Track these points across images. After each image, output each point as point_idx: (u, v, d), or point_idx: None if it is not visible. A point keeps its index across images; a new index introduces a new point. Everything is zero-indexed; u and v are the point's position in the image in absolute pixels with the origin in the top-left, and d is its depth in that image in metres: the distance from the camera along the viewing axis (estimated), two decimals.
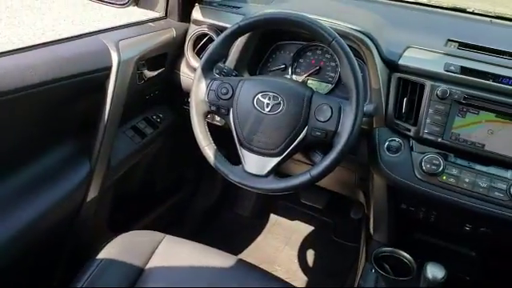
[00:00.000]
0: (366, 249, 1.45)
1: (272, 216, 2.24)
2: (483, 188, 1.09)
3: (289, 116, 1.09)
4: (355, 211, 2.02)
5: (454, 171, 1.12)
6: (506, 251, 1.54)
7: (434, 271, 1.04)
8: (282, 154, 1.11)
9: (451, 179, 1.12)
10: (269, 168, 1.12)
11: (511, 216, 1.07)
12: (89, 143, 1.30)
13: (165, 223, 1.91)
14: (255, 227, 2.18)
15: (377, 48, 1.19)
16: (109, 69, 1.24)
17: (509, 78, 1.08)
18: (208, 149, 1.17)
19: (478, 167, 1.12)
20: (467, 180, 1.11)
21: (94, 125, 1.29)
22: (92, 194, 1.34)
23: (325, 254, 2.04)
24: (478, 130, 1.10)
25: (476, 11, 1.49)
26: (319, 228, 2.17)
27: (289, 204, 2.25)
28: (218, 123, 1.43)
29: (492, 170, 1.11)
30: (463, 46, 1.21)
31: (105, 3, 1.53)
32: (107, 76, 1.24)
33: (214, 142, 1.19)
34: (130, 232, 1.27)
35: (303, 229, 2.17)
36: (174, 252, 1.22)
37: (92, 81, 1.21)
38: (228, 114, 1.15)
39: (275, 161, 1.12)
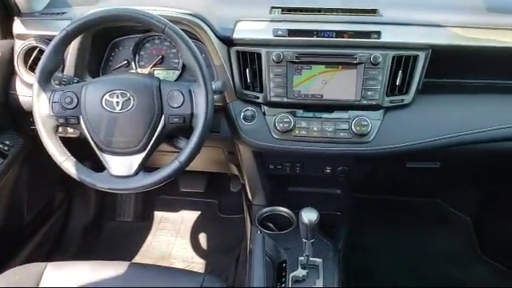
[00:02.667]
0: (249, 215, 1.53)
1: (156, 213, 2.23)
2: (330, 132, 1.23)
3: (142, 110, 1.09)
4: (234, 184, 2.10)
5: (304, 124, 1.23)
6: (363, 184, 1.75)
7: (309, 215, 1.14)
8: (145, 149, 1.11)
9: (303, 131, 1.23)
10: (136, 166, 1.11)
11: (357, 150, 1.23)
12: None
13: (46, 251, 1.80)
14: (142, 229, 2.16)
15: (210, 27, 1.23)
16: None
17: (329, 31, 1.20)
18: (67, 163, 1.12)
19: (323, 115, 1.25)
20: (315, 129, 1.23)
21: None
22: None
23: (216, 233, 2.10)
24: (314, 82, 1.22)
25: None
26: (205, 210, 2.22)
27: (169, 197, 2.25)
28: (73, 135, 1.37)
29: (334, 114, 1.25)
30: (286, 10, 1.31)
31: None
32: None
33: (74, 155, 1.14)
34: (7, 271, 1.18)
35: (190, 216, 2.21)
36: (61, 277, 1.16)
37: None
38: (79, 123, 1.11)
39: (140, 157, 1.12)
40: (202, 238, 2.09)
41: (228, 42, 1.24)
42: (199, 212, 2.21)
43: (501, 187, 1.88)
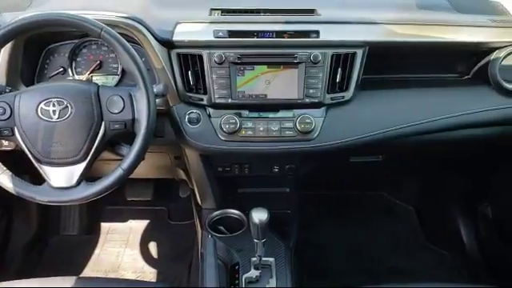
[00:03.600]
0: (200, 219, 1.52)
1: (103, 225, 2.16)
2: (276, 131, 1.23)
3: (80, 117, 1.05)
4: (182, 190, 2.07)
5: (250, 124, 1.24)
6: (310, 181, 1.78)
7: (259, 215, 1.14)
8: (86, 158, 1.07)
9: (249, 132, 1.23)
10: (77, 176, 1.07)
11: (302, 147, 1.25)
12: None
13: None
14: (89, 242, 2.08)
15: (149, 30, 1.21)
16: None
17: (269, 31, 1.22)
18: (2, 177, 1.06)
19: (268, 115, 1.26)
20: (261, 128, 1.23)
21: None
22: None
23: (166, 241, 2.06)
24: (258, 83, 1.22)
25: None
26: (154, 218, 2.18)
27: (116, 207, 2.19)
28: (8, 147, 1.29)
29: (279, 114, 1.26)
30: (226, 12, 1.31)
31: None
32: None
33: (11, 169, 1.08)
34: None
35: (139, 225, 2.15)
36: None
37: None
38: (13, 135, 1.05)
39: (81, 167, 1.07)
40: (153, 247, 2.05)
41: (168, 44, 1.22)
42: (148, 220, 2.16)
43: (439, 176, 1.98)
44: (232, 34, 1.21)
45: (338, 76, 1.24)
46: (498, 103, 1.32)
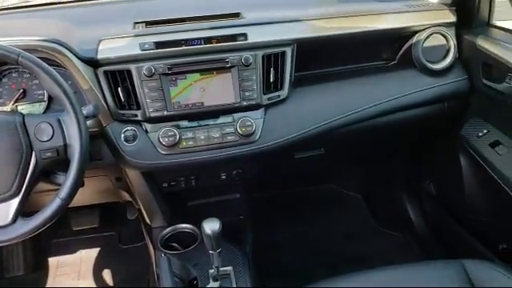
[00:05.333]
0: (151, 239, 1.47)
1: (51, 260, 2.05)
2: (217, 138, 1.22)
3: (8, 150, 0.98)
4: (130, 211, 2.01)
5: (190, 134, 1.21)
6: (260, 183, 1.78)
7: (211, 226, 1.12)
8: (20, 193, 1.00)
9: (190, 142, 1.21)
10: (12, 213, 1.00)
11: (246, 150, 1.24)
12: None
13: None
14: (38, 281, 1.96)
15: (71, 51, 1.16)
16: None
17: (197, 39, 1.20)
18: None
19: (208, 122, 1.24)
20: (202, 137, 1.21)
21: None
22: None
23: (120, 266, 1.98)
24: (192, 91, 1.20)
25: None
26: (104, 245, 2.09)
27: (63, 239, 2.09)
28: None
29: (219, 120, 1.25)
30: (150, 23, 1.28)
31: None
32: None
33: None
34: None
35: (89, 255, 2.06)
36: None
37: None
38: None
39: (16, 202, 1.00)
40: (107, 275, 1.96)
41: (93, 63, 1.17)
42: (98, 248, 2.07)
43: (381, 161, 2.04)
44: (159, 45, 1.18)
45: (272, 76, 1.24)
46: (424, 84, 1.38)
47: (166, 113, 1.19)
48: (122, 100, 1.19)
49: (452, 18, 1.38)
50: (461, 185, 1.52)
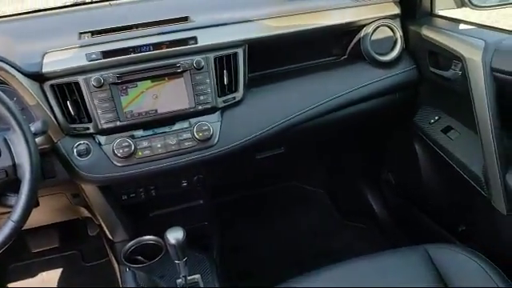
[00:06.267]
0: (114, 254, 1.43)
1: (12, 286, 1.95)
2: (174, 145, 1.20)
3: None
4: (91, 228, 1.94)
5: (145, 143, 1.18)
6: (222, 187, 1.77)
7: (174, 235, 1.10)
8: None
9: (146, 151, 1.18)
10: None
11: (204, 155, 1.22)
12: None
13: None
14: None
15: (13, 66, 1.11)
16: None
17: (146, 45, 1.17)
18: None
19: (164, 130, 1.22)
20: (159, 145, 1.19)
21: None
22: None
23: (85, 285, 1.91)
24: (145, 99, 1.18)
25: (94, 0, 1.55)
26: (67, 265, 2.01)
27: (22, 263, 1.99)
28: None
29: (175, 126, 1.22)
30: (96, 33, 1.24)
31: None
32: None
33: None
34: None
35: (52, 276, 1.98)
36: None
37: None
38: None
39: None
40: None
41: (38, 77, 1.13)
42: (61, 268, 2.00)
43: (340, 155, 2.07)
44: (106, 54, 1.15)
45: (225, 78, 1.23)
46: (375, 76, 1.40)
47: (118, 123, 1.16)
48: (72, 113, 1.14)
49: (396, 10, 1.41)
50: (418, 172, 1.56)
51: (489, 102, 1.12)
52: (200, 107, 1.21)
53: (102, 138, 1.18)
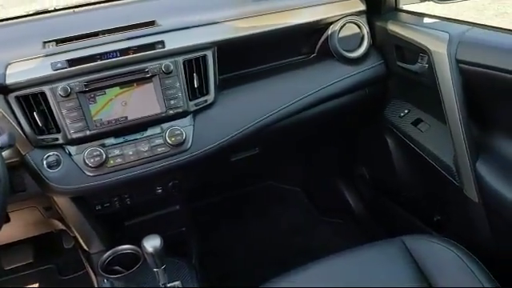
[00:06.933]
0: (91, 266, 1.40)
1: None
2: (147, 151, 1.18)
3: None
4: (66, 240, 1.90)
5: (117, 151, 1.16)
6: (199, 191, 1.75)
7: (151, 243, 1.08)
8: None
9: (118, 159, 1.16)
10: None
11: (178, 160, 1.21)
12: None
13: None
14: None
15: None
16: None
17: (113, 51, 1.16)
18: None
19: (135, 137, 1.20)
20: (131, 153, 1.17)
21: None
22: None
23: None
24: (114, 107, 1.15)
25: (58, 8, 1.51)
26: (43, 280, 1.96)
27: None
28: None
29: (147, 132, 1.21)
30: (60, 41, 1.21)
31: None
32: None
33: None
34: None
35: None
36: None
37: None
38: None
39: None
40: None
41: (2, 89, 1.09)
42: (37, 284, 1.94)
43: (314, 152, 2.08)
44: (72, 62, 1.12)
45: (196, 81, 1.22)
46: (344, 73, 1.42)
47: (88, 132, 1.14)
48: (40, 125, 1.12)
49: (362, 7, 1.43)
50: (390, 165, 1.58)
51: (456, 94, 1.15)
52: (171, 112, 1.20)
53: (72, 149, 1.15)
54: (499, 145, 1.16)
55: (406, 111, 1.47)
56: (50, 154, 1.14)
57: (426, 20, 1.31)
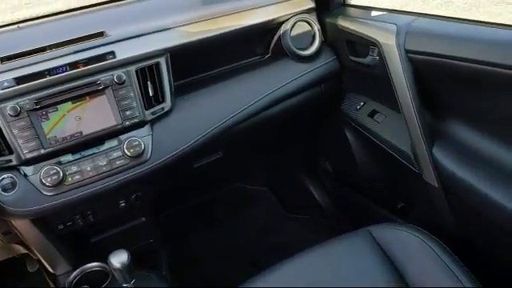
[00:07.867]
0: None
1: None
2: (105, 165, 1.15)
3: None
4: (30, 264, 1.83)
5: (75, 168, 1.13)
6: (165, 201, 1.72)
7: (118, 259, 1.06)
8: None
9: (76, 176, 1.13)
10: None
11: (138, 172, 1.19)
12: None
13: None
14: None
15: None
16: None
17: (61, 66, 1.12)
18: None
19: (92, 151, 1.17)
20: (89, 168, 1.14)
21: None
22: None
23: None
24: (67, 122, 1.12)
25: (1, 24, 1.46)
26: None
27: None
28: None
29: (104, 146, 1.18)
30: (6, 59, 1.17)
31: None
32: None
33: None
34: None
35: None
36: None
37: None
38: None
39: None
40: None
41: None
42: None
43: (277, 151, 2.09)
44: (20, 80, 1.09)
45: (150, 90, 1.21)
46: (299, 71, 1.43)
47: (43, 151, 1.10)
48: None
49: (311, 4, 1.45)
50: (351, 157, 1.61)
51: (408, 83, 1.18)
52: (127, 123, 1.17)
53: (27, 169, 1.11)
54: (453, 129, 1.20)
55: (362, 104, 1.50)
56: (4, 176, 1.10)
57: (374, 13, 1.34)
